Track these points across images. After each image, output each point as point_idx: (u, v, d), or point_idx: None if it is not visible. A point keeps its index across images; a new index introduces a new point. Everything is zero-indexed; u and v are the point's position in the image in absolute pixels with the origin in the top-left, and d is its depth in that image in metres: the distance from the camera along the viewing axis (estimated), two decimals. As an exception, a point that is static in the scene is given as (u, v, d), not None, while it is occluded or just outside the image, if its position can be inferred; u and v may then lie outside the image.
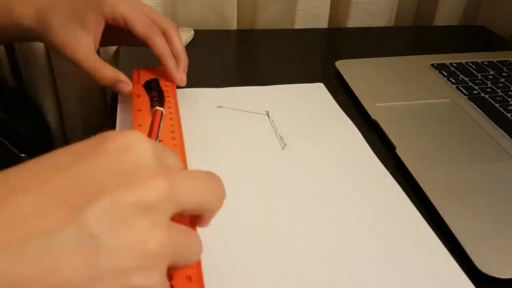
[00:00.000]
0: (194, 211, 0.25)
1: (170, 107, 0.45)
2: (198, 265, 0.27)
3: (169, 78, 0.49)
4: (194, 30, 0.68)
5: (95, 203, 0.20)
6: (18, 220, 0.19)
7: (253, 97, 0.53)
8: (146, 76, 0.50)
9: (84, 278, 0.19)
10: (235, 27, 0.73)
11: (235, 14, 0.72)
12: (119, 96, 0.50)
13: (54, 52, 0.49)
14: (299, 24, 0.74)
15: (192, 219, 0.26)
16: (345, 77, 0.57)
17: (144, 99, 0.46)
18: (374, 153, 0.45)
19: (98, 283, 0.20)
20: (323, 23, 0.76)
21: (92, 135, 0.24)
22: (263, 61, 0.63)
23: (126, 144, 0.22)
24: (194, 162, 0.41)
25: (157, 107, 0.42)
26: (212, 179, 0.26)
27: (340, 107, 0.52)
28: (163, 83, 0.49)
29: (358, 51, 0.66)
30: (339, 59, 0.61)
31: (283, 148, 0.45)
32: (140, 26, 0.46)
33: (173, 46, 0.49)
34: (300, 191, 0.40)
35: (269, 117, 0.49)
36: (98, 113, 0.73)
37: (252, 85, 0.55)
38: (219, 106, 0.51)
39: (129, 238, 0.20)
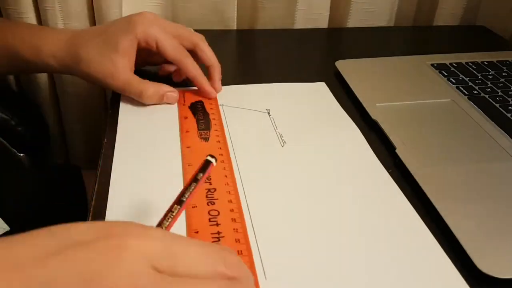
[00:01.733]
0: None
1: (216, 130, 0.47)
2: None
3: (208, 95, 0.51)
4: (194, 30, 0.68)
5: None
6: None
7: (254, 95, 0.54)
8: (190, 97, 0.52)
9: None
10: (235, 27, 0.73)
11: (235, 14, 0.72)
12: (121, 96, 0.50)
13: (91, 82, 0.50)
14: (299, 24, 0.74)
15: None
16: (345, 77, 0.57)
17: (191, 121, 0.47)
18: (374, 152, 0.45)
19: None
20: (323, 23, 0.76)
21: (90, 135, 0.24)
22: (263, 61, 0.63)
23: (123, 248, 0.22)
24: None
25: (209, 158, 0.33)
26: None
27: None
28: (207, 104, 0.51)
29: (358, 51, 0.66)
30: (339, 59, 0.61)
31: (282, 146, 0.45)
32: (171, 49, 0.48)
33: (205, 56, 0.51)
34: (298, 188, 0.40)
35: (269, 115, 0.50)
36: (97, 112, 0.73)
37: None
38: (221, 105, 0.51)
39: None
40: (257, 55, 0.66)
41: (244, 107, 0.51)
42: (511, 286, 0.33)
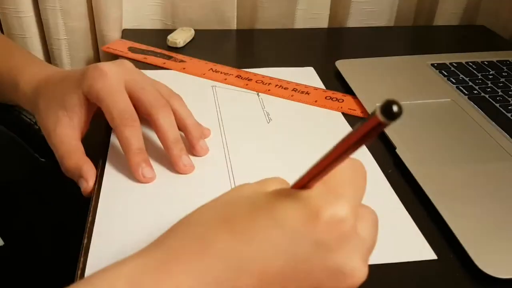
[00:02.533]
0: None
1: None
2: None
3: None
4: (194, 30, 0.68)
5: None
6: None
7: None
8: None
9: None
10: (235, 27, 0.73)
11: (235, 14, 0.72)
12: None
13: None
14: (299, 24, 0.74)
15: None
16: (345, 77, 0.57)
17: None
18: (374, 152, 0.45)
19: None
20: (323, 23, 0.76)
21: (91, 134, 0.24)
22: (263, 61, 0.63)
23: (338, 221, 0.24)
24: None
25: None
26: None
27: (340, 107, 0.53)
28: None
29: (358, 51, 0.66)
30: (339, 59, 0.61)
31: (268, 122, 0.49)
32: (110, 111, 0.39)
33: (159, 132, 0.40)
34: (281, 159, 0.44)
35: (258, 96, 0.54)
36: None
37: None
38: (213, 86, 0.55)
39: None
40: (257, 55, 0.66)
41: (235, 88, 0.55)
42: (511, 286, 0.33)
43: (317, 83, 0.58)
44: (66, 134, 0.41)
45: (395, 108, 0.19)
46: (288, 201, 0.24)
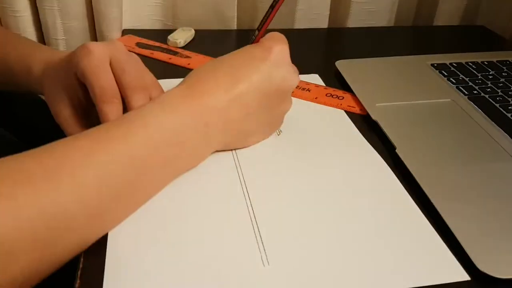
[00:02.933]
0: None
1: None
2: None
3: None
4: (194, 30, 0.68)
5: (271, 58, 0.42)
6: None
7: None
8: None
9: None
10: (235, 27, 0.73)
11: (235, 14, 0.72)
12: None
13: None
14: (299, 24, 0.74)
15: None
16: (345, 77, 0.57)
17: None
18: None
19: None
20: (323, 23, 0.76)
21: None
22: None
23: (282, 54, 0.43)
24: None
25: None
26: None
27: (340, 107, 0.52)
28: None
29: (358, 51, 0.66)
30: (339, 59, 0.61)
31: (278, 135, 0.47)
32: (92, 87, 0.39)
33: (132, 108, 0.41)
34: (291, 174, 0.42)
35: None
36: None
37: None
38: None
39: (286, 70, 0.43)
40: (257, 55, 0.66)
41: None
42: (511, 286, 0.33)
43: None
44: (71, 116, 0.42)
45: None
46: (252, 46, 0.44)
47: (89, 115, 0.43)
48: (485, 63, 0.62)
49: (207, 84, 0.40)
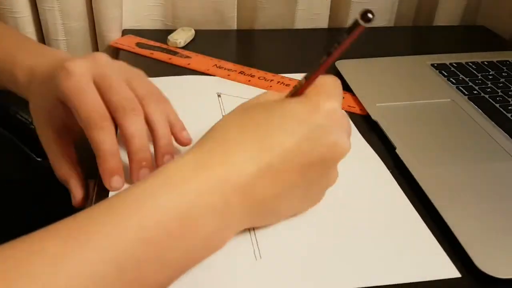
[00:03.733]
0: None
1: None
2: None
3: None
4: (195, 30, 0.68)
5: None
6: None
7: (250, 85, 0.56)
8: None
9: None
10: (235, 27, 0.73)
11: (235, 14, 0.72)
12: None
13: None
14: (299, 24, 0.74)
15: None
16: (345, 77, 0.57)
17: None
18: (374, 152, 0.45)
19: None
20: (323, 23, 0.76)
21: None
22: (263, 61, 0.63)
23: (332, 112, 0.33)
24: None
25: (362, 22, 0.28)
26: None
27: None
28: None
29: (358, 51, 0.66)
30: (339, 59, 0.61)
31: None
32: (79, 112, 0.36)
33: (126, 140, 0.37)
34: None
35: None
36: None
37: (252, 85, 0.56)
38: (218, 95, 0.53)
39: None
40: (257, 55, 0.66)
41: (241, 96, 0.53)
42: (511, 286, 0.33)
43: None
44: (53, 141, 0.39)
45: (369, 15, 0.27)
46: (293, 101, 0.33)
47: (75, 138, 0.40)
48: (485, 63, 0.62)
49: (228, 150, 0.31)
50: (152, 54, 0.62)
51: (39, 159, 0.54)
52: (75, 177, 0.39)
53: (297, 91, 0.33)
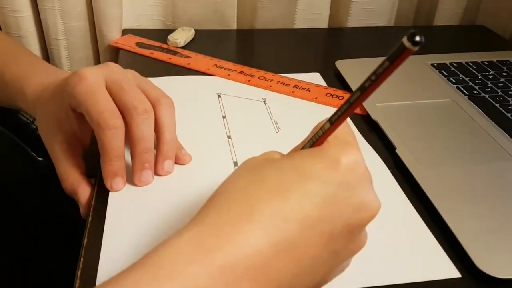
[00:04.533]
0: None
1: None
2: None
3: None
4: (194, 30, 0.68)
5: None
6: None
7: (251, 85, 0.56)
8: None
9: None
10: (235, 27, 0.73)
11: (235, 14, 0.72)
12: None
13: None
14: (299, 24, 0.74)
15: None
16: (345, 77, 0.57)
17: None
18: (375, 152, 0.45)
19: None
20: (323, 23, 0.76)
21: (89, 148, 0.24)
22: (263, 61, 0.63)
23: (354, 165, 0.27)
24: (193, 147, 0.43)
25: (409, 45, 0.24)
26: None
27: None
28: None
29: (358, 51, 0.66)
30: (339, 59, 0.61)
31: (277, 132, 0.47)
32: (89, 114, 0.36)
33: (131, 143, 0.38)
34: None
35: (265, 103, 0.53)
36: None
37: (252, 85, 0.56)
38: (218, 95, 0.53)
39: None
40: (257, 55, 0.66)
41: (241, 96, 0.54)
42: (511, 286, 0.33)
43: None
44: (63, 151, 0.39)
45: (417, 38, 0.24)
46: (308, 157, 0.27)
47: (84, 147, 0.41)
48: (485, 63, 0.62)
49: (235, 224, 0.25)
50: (152, 54, 0.62)
51: (40, 158, 0.54)
52: (83, 187, 0.39)
53: (319, 139, 0.28)
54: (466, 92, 0.55)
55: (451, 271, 0.33)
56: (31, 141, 0.53)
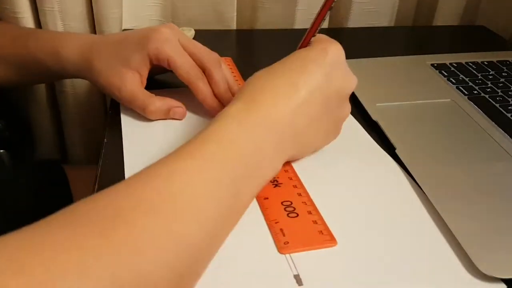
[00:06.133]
0: None
1: None
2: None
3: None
4: (194, 30, 0.68)
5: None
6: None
7: None
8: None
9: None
10: (235, 27, 0.73)
11: (235, 14, 0.72)
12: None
13: (101, 90, 0.51)
14: (299, 24, 0.74)
15: None
16: (345, 77, 0.57)
17: None
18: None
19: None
20: (323, 23, 0.75)
21: (91, 135, 0.25)
22: (263, 61, 0.63)
23: (338, 54, 0.41)
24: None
25: None
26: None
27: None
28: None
29: (358, 51, 0.66)
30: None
31: None
32: (182, 69, 0.46)
33: (215, 85, 0.47)
34: (299, 171, 0.42)
35: None
36: (97, 114, 0.73)
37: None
38: None
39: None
40: (257, 55, 0.66)
41: None
42: (511, 286, 0.33)
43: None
44: (137, 89, 0.47)
45: None
46: (303, 51, 0.41)
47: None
48: (485, 63, 0.62)
49: (267, 96, 0.37)
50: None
51: (1, 150, 0.54)
52: (167, 100, 0.48)
53: (302, 42, 0.42)
54: (466, 92, 0.55)
55: (452, 271, 0.33)
56: (22, 133, 0.54)
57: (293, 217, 0.37)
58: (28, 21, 0.65)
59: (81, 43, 0.49)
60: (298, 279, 0.32)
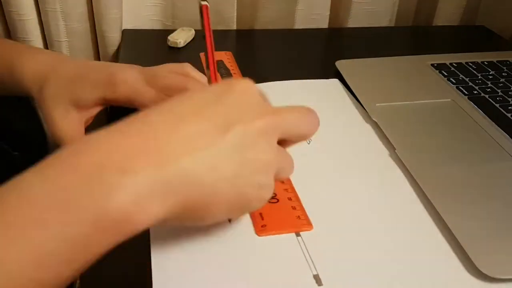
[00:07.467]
0: (294, 137, 0.33)
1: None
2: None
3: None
4: (194, 30, 0.68)
5: (236, 128, 0.29)
6: (188, 139, 0.28)
7: (268, 92, 0.54)
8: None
9: (232, 175, 0.29)
10: (235, 27, 0.73)
11: (235, 14, 0.72)
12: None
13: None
14: (299, 24, 0.74)
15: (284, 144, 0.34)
16: (345, 77, 0.57)
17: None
18: (374, 153, 0.45)
19: (241, 179, 0.29)
20: (323, 23, 0.76)
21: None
22: (263, 61, 0.63)
23: (246, 88, 0.32)
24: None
25: (201, 1, 0.36)
26: (309, 112, 0.33)
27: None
28: (228, 65, 0.53)
29: (358, 51, 0.66)
30: (339, 59, 0.61)
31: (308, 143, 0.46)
32: (148, 102, 0.43)
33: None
34: (309, 176, 0.42)
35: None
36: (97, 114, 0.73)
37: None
38: None
39: (256, 152, 0.30)
40: (257, 55, 0.66)
41: None
42: (511, 286, 0.33)
43: (343, 96, 0.55)
44: (74, 130, 0.43)
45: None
46: (212, 86, 0.35)
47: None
48: (485, 63, 0.62)
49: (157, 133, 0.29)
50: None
51: (15, 152, 0.54)
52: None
53: (209, 79, 0.38)
54: (466, 92, 0.55)
55: (451, 271, 0.33)
56: (6, 135, 0.53)
57: (273, 203, 0.38)
58: (33, 22, 0.65)
59: (38, 67, 0.45)
60: (317, 279, 0.32)
